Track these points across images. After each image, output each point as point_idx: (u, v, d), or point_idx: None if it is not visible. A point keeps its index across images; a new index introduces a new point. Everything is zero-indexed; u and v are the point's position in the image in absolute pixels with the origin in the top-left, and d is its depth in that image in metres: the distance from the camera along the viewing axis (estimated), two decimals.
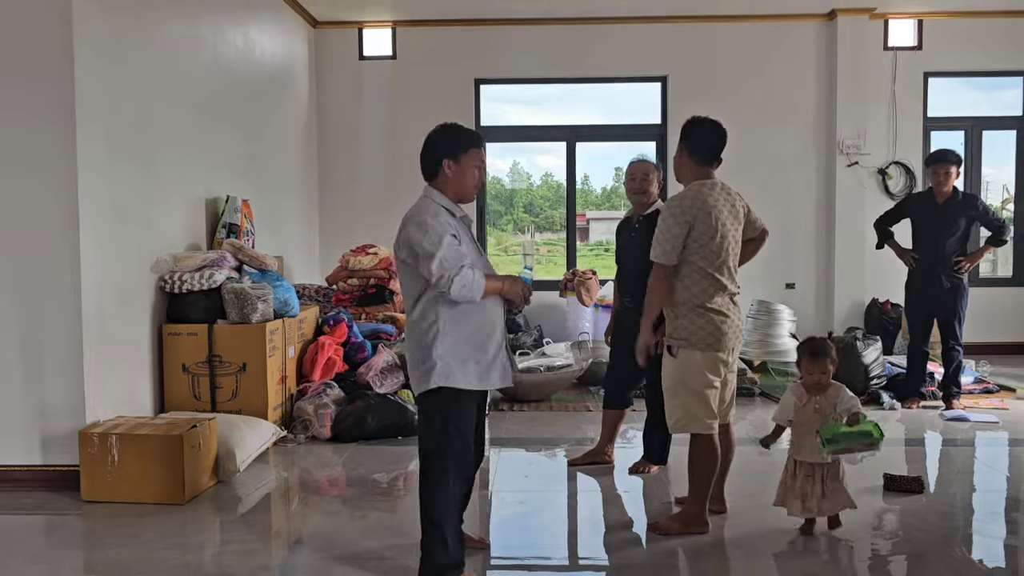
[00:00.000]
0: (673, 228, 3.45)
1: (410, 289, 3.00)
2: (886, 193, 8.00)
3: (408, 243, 2.92)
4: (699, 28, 8.02)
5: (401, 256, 2.97)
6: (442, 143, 3.05)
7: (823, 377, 3.51)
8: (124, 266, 4.48)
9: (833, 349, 3.58)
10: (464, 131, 3.10)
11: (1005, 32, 7.98)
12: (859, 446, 3.35)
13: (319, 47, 8.12)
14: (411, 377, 3.04)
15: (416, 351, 2.98)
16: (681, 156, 3.61)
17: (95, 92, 4.16)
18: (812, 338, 3.65)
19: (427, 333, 2.94)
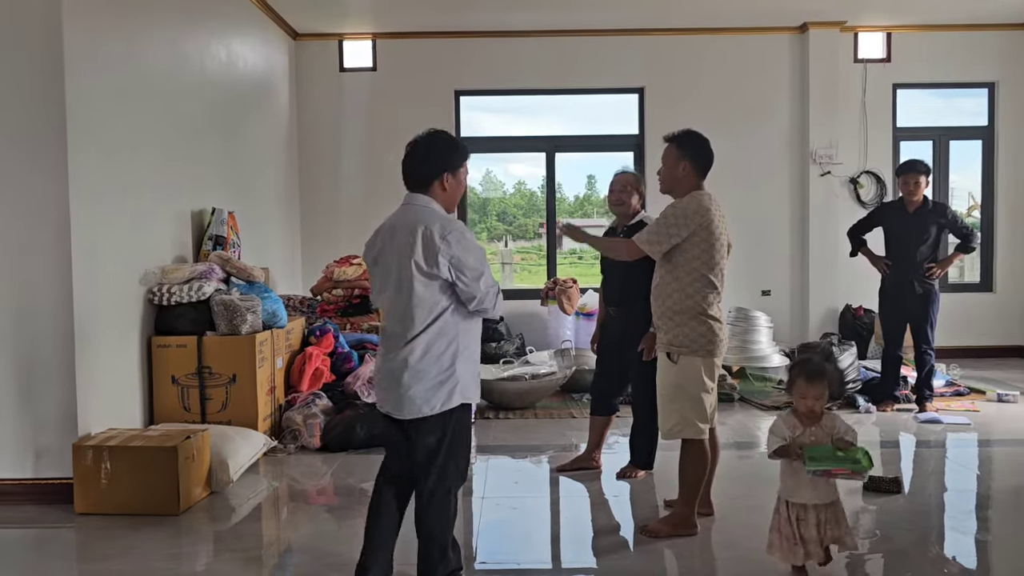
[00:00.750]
0: (674, 228, 3.56)
1: (427, 303, 2.79)
2: (858, 202, 8.21)
3: (452, 259, 2.77)
4: (675, 40, 8.19)
5: (429, 270, 2.77)
6: (446, 155, 2.93)
7: (817, 403, 3.10)
8: (114, 279, 4.50)
9: (831, 371, 3.23)
10: (461, 142, 3.07)
11: (970, 45, 8.24)
12: (843, 471, 3.05)
13: (300, 59, 8.16)
14: (419, 395, 2.81)
15: (433, 368, 2.81)
16: (684, 168, 3.70)
17: (85, 108, 4.20)
18: (807, 358, 3.31)
19: (447, 349, 2.82)
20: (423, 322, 2.80)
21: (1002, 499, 4.36)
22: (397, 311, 2.84)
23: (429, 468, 2.86)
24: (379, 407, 2.96)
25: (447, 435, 2.85)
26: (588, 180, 11.67)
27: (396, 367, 2.81)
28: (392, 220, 2.92)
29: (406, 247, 2.80)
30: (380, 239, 2.91)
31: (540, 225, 13.23)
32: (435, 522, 2.88)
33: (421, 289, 2.79)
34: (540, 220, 13.10)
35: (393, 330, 2.85)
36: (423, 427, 2.85)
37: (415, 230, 2.79)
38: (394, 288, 2.84)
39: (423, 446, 2.86)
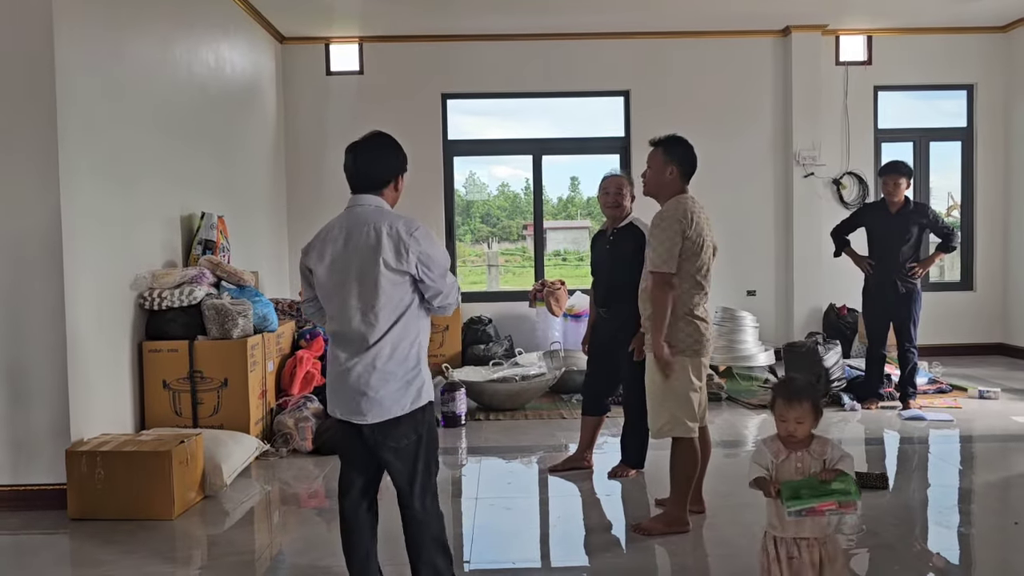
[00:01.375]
0: (672, 238, 3.61)
1: (393, 302, 2.73)
2: (841, 202, 8.32)
3: (420, 255, 2.73)
4: (661, 44, 8.26)
5: (398, 266, 2.71)
6: (400, 157, 2.91)
7: (800, 428, 2.73)
8: (105, 284, 4.50)
9: (817, 391, 2.86)
10: None
11: (949, 47, 8.37)
12: (829, 505, 2.62)
13: (286, 63, 8.17)
14: (389, 396, 2.73)
15: (400, 368, 2.74)
16: (671, 172, 3.75)
17: (75, 113, 4.21)
18: (790, 377, 2.99)
19: (412, 347, 2.78)
20: (388, 322, 2.72)
21: (984, 493, 4.45)
22: (357, 313, 2.72)
23: (413, 475, 2.78)
24: (338, 415, 2.81)
25: (422, 435, 2.80)
26: (571, 182, 11.75)
27: (361, 371, 2.71)
28: (341, 222, 2.80)
29: (369, 246, 2.71)
30: (328, 243, 2.78)
31: (524, 227, 13.28)
32: (434, 524, 2.82)
33: (388, 287, 2.71)
34: (524, 222, 13.16)
35: (354, 333, 2.73)
36: (395, 430, 2.75)
37: (378, 228, 2.72)
38: (354, 290, 2.72)
39: (399, 452, 2.76)
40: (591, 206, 11.91)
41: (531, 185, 8.70)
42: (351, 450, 2.86)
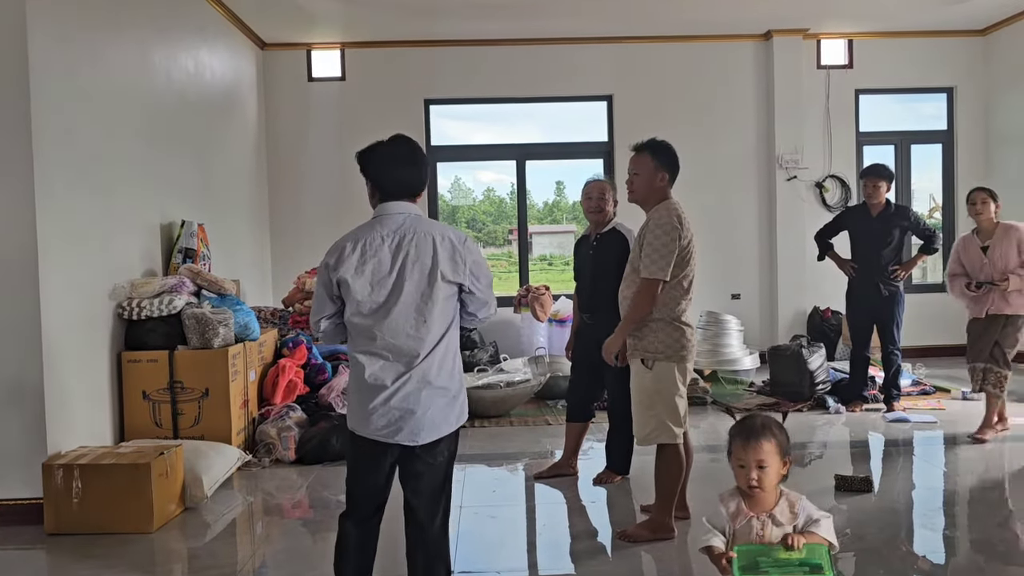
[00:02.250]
0: (669, 244, 3.59)
1: (444, 314, 2.62)
2: (823, 205, 8.35)
3: (472, 266, 2.64)
4: (643, 49, 8.28)
5: (453, 279, 2.61)
6: None
7: (763, 476, 2.30)
8: (82, 294, 4.44)
9: (782, 430, 2.39)
10: None
11: (929, 51, 8.44)
12: None
13: (268, 69, 8.13)
14: (438, 414, 2.60)
15: (448, 383, 2.63)
16: (662, 178, 3.75)
17: (51, 120, 4.15)
18: (750, 414, 2.52)
19: (455, 362, 2.67)
20: (438, 336, 2.60)
21: (968, 495, 4.46)
22: (407, 327, 2.56)
23: (440, 493, 2.67)
24: (383, 439, 2.58)
25: (454, 452, 2.70)
26: (557, 186, 11.75)
27: (411, 389, 2.55)
28: (381, 231, 2.60)
29: (425, 256, 2.57)
30: (368, 254, 2.57)
31: (510, 232, 13.26)
32: (443, 544, 2.71)
33: (441, 300, 2.59)
34: (509, 227, 13.14)
35: (401, 349, 2.56)
36: (436, 449, 2.62)
37: (432, 238, 2.60)
38: (404, 303, 2.56)
39: (434, 467, 2.64)
40: (576, 210, 11.90)
41: (516, 190, 8.69)
42: (374, 470, 2.65)
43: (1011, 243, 5.25)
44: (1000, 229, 5.34)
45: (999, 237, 5.31)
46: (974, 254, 5.41)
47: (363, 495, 2.70)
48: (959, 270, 5.50)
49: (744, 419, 2.49)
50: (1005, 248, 5.27)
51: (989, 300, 5.33)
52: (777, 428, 2.37)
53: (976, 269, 5.37)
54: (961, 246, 5.54)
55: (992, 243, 5.33)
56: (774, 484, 2.34)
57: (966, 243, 5.51)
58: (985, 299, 5.34)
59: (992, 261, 5.29)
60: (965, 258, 5.46)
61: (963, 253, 5.48)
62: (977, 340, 5.42)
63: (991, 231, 5.36)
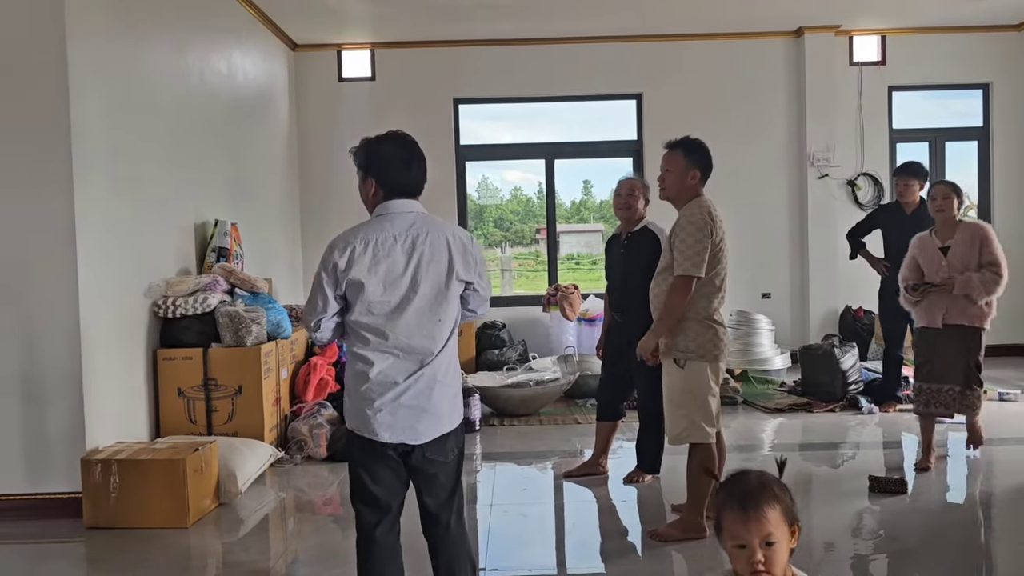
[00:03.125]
0: (703, 240, 3.58)
1: (454, 312, 2.62)
2: (856, 204, 8.25)
3: (481, 265, 2.66)
4: (672, 46, 8.24)
5: (465, 277, 2.61)
6: None
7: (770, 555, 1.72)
8: (119, 292, 4.51)
9: (784, 488, 1.79)
10: None
11: (963, 46, 8.29)
12: None
13: (299, 70, 8.20)
14: (445, 411, 2.58)
15: (453, 379, 2.63)
16: (694, 176, 3.73)
17: (90, 121, 4.22)
18: (740, 474, 1.84)
19: (455, 359, 2.67)
20: (447, 333, 2.59)
21: (1005, 497, 4.38)
22: (421, 326, 2.53)
23: (454, 489, 2.66)
24: (388, 438, 2.53)
25: (462, 448, 2.69)
26: (584, 185, 11.73)
27: (423, 387, 2.53)
28: (391, 229, 2.56)
29: (441, 255, 2.55)
30: (380, 252, 2.52)
31: (537, 231, 13.26)
32: (467, 541, 2.71)
33: (453, 298, 2.60)
34: (536, 226, 13.14)
35: (414, 348, 2.52)
36: (444, 445, 2.60)
37: (446, 238, 2.58)
38: (418, 302, 2.52)
39: (447, 466, 2.62)
40: (604, 209, 11.87)
41: (543, 189, 8.69)
42: (388, 476, 2.58)
43: (973, 244, 4.56)
44: (962, 229, 4.63)
45: (960, 237, 4.61)
46: (931, 256, 4.67)
47: (379, 500, 2.59)
48: (914, 274, 4.76)
49: (733, 480, 1.83)
50: (965, 250, 4.57)
51: (942, 307, 4.62)
52: (778, 487, 1.78)
53: (933, 273, 4.65)
54: (917, 246, 4.79)
55: (952, 244, 4.61)
56: (784, 563, 1.75)
57: (923, 243, 4.77)
58: (938, 305, 4.62)
59: (951, 264, 4.58)
60: (922, 260, 4.72)
61: (919, 254, 4.74)
62: (936, 355, 4.67)
63: (952, 230, 4.65)
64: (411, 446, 2.54)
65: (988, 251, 4.53)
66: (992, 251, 4.53)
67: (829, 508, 4.21)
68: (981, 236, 4.56)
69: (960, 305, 4.58)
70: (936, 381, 4.65)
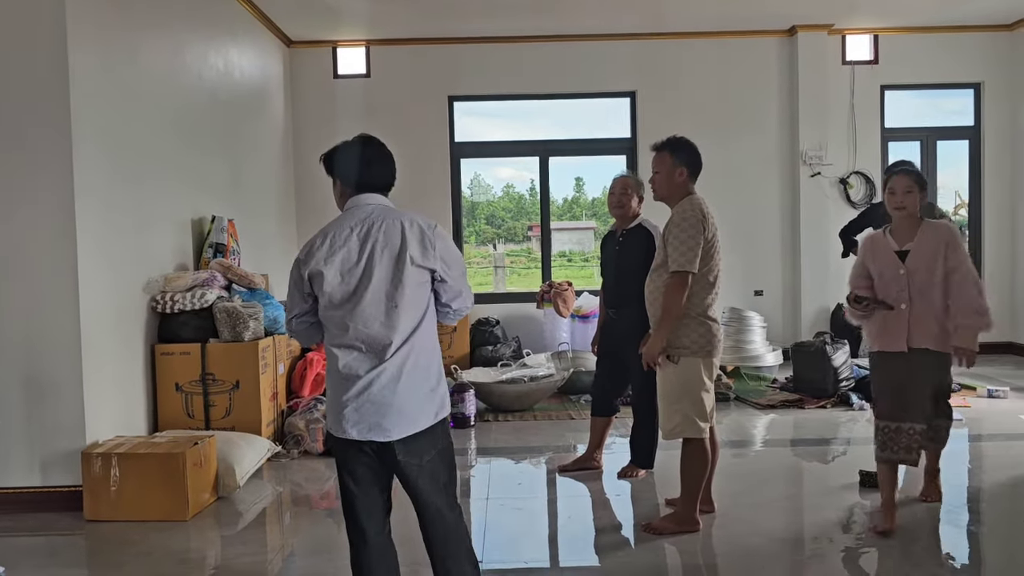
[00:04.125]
0: (696, 236, 3.63)
1: (416, 303, 2.56)
2: (848, 202, 8.32)
3: (443, 252, 2.60)
4: (665, 44, 8.29)
5: (423, 264, 2.56)
6: None
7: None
8: (118, 287, 4.55)
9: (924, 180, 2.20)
10: None
11: (955, 46, 8.37)
12: None
13: (294, 66, 8.22)
14: (415, 407, 2.53)
15: (423, 375, 2.56)
16: (681, 174, 3.78)
17: (89, 117, 4.25)
18: None
19: (432, 354, 2.61)
20: (411, 324, 2.55)
21: (993, 492, 4.45)
22: (379, 315, 2.52)
23: (437, 491, 2.60)
24: (354, 436, 2.51)
25: (443, 448, 2.62)
26: (576, 182, 11.78)
27: (386, 381, 2.50)
28: (349, 222, 2.60)
29: (393, 241, 2.54)
30: (336, 244, 2.55)
31: (529, 228, 13.30)
32: (465, 534, 2.67)
33: (412, 286, 2.54)
34: (529, 223, 13.18)
35: (374, 340, 2.51)
36: (418, 444, 2.54)
37: (400, 223, 2.56)
38: (374, 291, 2.52)
39: (420, 468, 2.56)
40: (596, 207, 11.93)
41: (536, 186, 8.73)
42: (367, 475, 2.58)
43: (937, 250, 3.64)
44: (925, 231, 3.69)
45: (923, 241, 3.66)
46: (886, 261, 3.74)
47: (362, 501, 2.60)
48: (865, 283, 3.84)
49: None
50: (928, 257, 3.64)
51: (903, 326, 3.68)
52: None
53: (888, 282, 3.72)
54: (868, 250, 3.85)
55: (913, 248, 3.67)
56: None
57: (875, 245, 3.82)
58: (898, 324, 3.69)
59: (911, 272, 3.66)
60: (874, 265, 3.79)
61: (871, 259, 3.81)
62: (897, 386, 3.73)
63: (912, 231, 3.71)
64: (382, 443, 2.51)
65: (955, 255, 3.64)
66: (959, 255, 3.64)
67: (819, 502, 4.27)
68: (947, 239, 3.65)
69: (927, 324, 3.66)
70: (895, 418, 3.71)
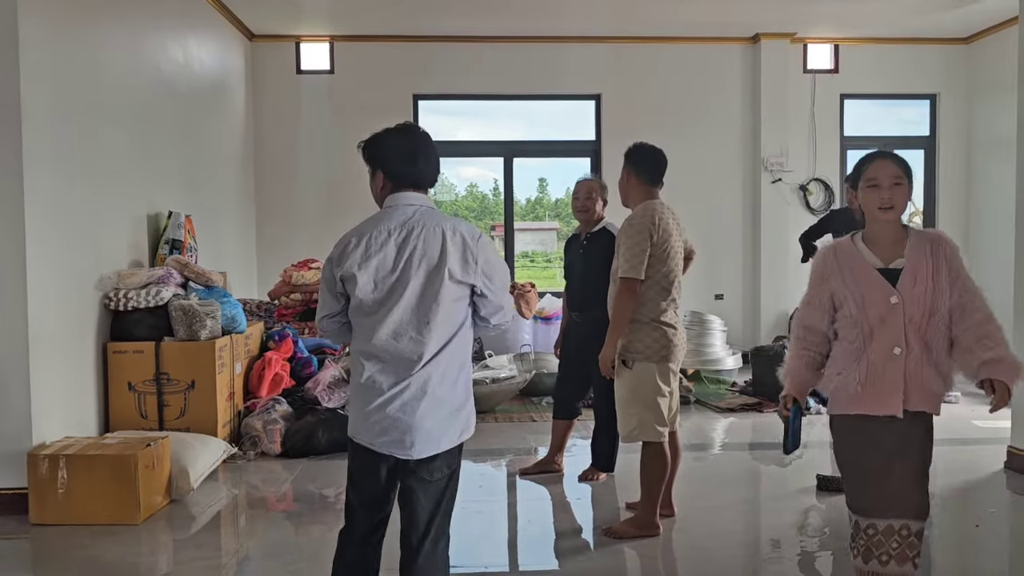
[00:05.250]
0: (640, 244, 3.63)
1: (450, 318, 2.38)
2: (807, 208, 8.44)
3: (485, 265, 2.41)
4: (632, 48, 8.32)
5: (463, 278, 2.38)
6: None
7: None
8: (69, 284, 4.41)
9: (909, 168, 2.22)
10: None
11: (913, 57, 8.54)
12: None
13: (256, 61, 8.09)
14: (436, 427, 2.37)
15: (450, 395, 2.40)
16: (629, 179, 3.81)
17: (40, 109, 4.12)
18: None
19: (460, 372, 2.44)
20: (442, 340, 2.38)
21: (944, 496, 4.53)
22: (408, 329, 2.36)
23: (435, 514, 2.44)
24: (377, 448, 2.40)
25: (455, 471, 2.48)
26: (540, 183, 11.79)
27: (409, 398, 2.35)
28: (388, 223, 2.40)
29: (433, 252, 2.36)
30: (373, 247, 2.37)
31: (493, 228, 13.27)
32: (435, 571, 2.47)
33: (448, 301, 2.37)
34: (492, 222, 13.17)
35: (401, 352, 2.36)
36: (432, 465, 2.40)
37: (442, 232, 2.37)
38: (407, 302, 2.35)
39: (429, 488, 2.43)
40: (559, 207, 11.95)
41: (499, 186, 8.71)
42: (371, 481, 2.46)
43: (939, 268, 2.54)
44: (916, 241, 2.58)
45: (916, 255, 2.54)
46: (869, 283, 2.56)
47: (360, 507, 2.50)
48: (821, 318, 2.68)
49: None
50: (928, 278, 2.52)
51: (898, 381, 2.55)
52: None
53: (874, 316, 2.54)
54: (833, 265, 2.65)
55: (907, 266, 2.53)
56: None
57: (845, 259, 2.63)
58: (891, 379, 2.55)
59: (908, 301, 2.51)
60: (847, 288, 2.59)
61: (840, 279, 2.61)
62: (884, 466, 2.60)
63: (900, 243, 2.59)
64: (400, 460, 2.40)
65: (962, 276, 2.59)
66: (967, 275, 2.60)
67: (776, 506, 4.31)
68: (948, 253, 2.57)
69: (927, 377, 2.61)
70: (882, 514, 2.59)
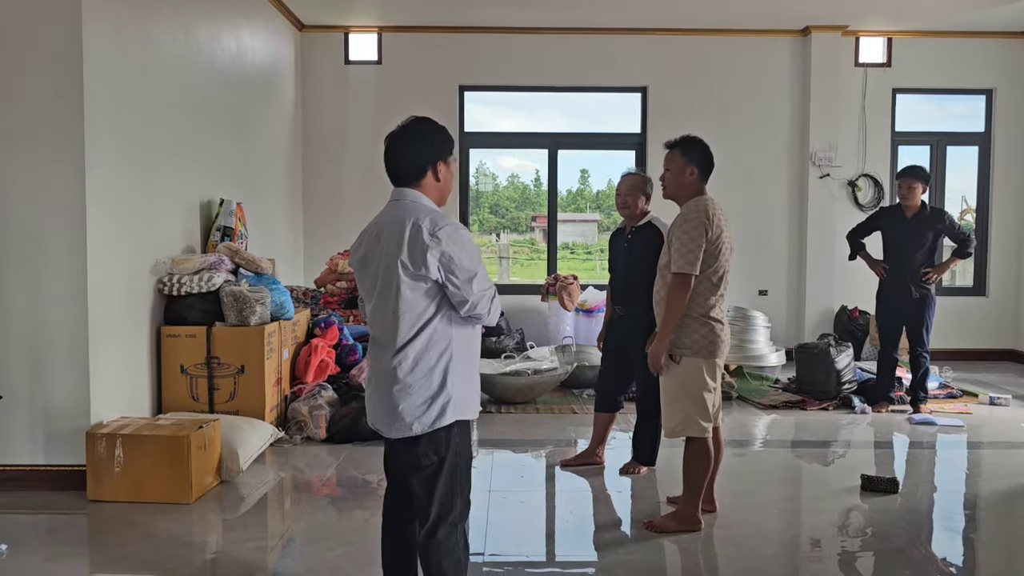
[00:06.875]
0: (696, 239, 3.62)
1: (414, 310, 2.47)
2: (855, 204, 8.31)
3: (443, 257, 2.44)
4: (679, 41, 8.26)
5: (416, 271, 2.44)
6: (438, 141, 2.62)
7: None
8: (126, 268, 4.55)
9: None
10: (447, 130, 2.71)
11: (968, 52, 8.34)
12: None
13: (305, 51, 8.19)
14: (409, 411, 2.48)
15: (421, 382, 2.49)
16: (691, 173, 3.77)
17: (101, 95, 4.24)
18: None
19: (439, 362, 2.50)
20: (410, 331, 2.47)
21: (991, 500, 4.46)
22: (382, 318, 2.52)
23: (430, 500, 2.52)
24: (370, 423, 2.63)
25: (446, 458, 2.53)
26: (582, 174, 11.74)
27: (382, 380, 2.53)
28: (378, 219, 2.60)
29: (393, 246, 2.47)
30: (365, 241, 2.59)
31: (533, 219, 13.26)
32: (442, 566, 2.53)
33: (408, 293, 2.46)
34: (533, 213, 13.15)
35: (383, 337, 2.53)
36: (415, 449, 2.52)
37: (403, 226, 2.47)
38: (379, 293, 2.52)
39: (419, 472, 2.53)
40: (600, 199, 11.91)
41: (542, 177, 8.71)
42: (388, 460, 2.72)
43: None
44: None
45: None
46: None
47: (388, 484, 2.74)
48: None
49: None
50: None
51: None
52: None
53: None
54: None
55: None
56: None
57: None
58: None
59: None
60: None
61: None
62: None
63: None
64: (389, 440, 2.61)
65: None
66: None
67: (819, 504, 4.28)
68: None
69: None
70: None
